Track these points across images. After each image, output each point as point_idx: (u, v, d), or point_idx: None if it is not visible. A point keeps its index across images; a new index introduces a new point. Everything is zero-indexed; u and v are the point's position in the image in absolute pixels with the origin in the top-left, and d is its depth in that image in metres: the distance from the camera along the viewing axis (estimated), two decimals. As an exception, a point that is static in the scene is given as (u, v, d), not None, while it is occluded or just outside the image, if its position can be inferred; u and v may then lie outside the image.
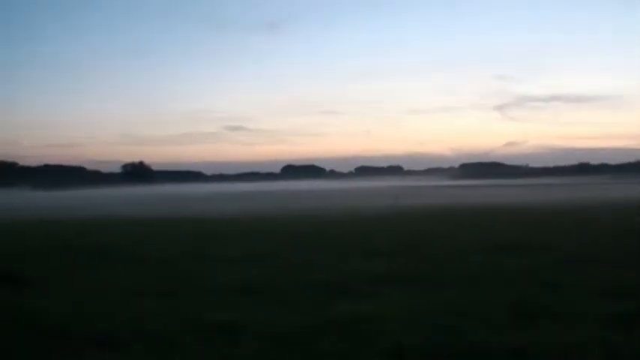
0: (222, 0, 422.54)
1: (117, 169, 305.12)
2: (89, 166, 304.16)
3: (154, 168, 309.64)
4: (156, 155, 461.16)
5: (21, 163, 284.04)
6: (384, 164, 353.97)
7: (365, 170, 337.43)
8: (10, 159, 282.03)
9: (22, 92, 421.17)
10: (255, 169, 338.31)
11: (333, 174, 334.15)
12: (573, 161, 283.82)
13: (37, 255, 19.11)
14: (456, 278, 13.50)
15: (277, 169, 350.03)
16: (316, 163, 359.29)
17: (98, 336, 8.82)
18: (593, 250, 17.54)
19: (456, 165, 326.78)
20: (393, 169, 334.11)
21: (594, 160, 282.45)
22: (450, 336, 8.62)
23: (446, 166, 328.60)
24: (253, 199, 79.85)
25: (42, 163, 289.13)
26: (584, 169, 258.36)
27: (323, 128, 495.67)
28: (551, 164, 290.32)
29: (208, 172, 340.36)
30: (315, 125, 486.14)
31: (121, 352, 8.21)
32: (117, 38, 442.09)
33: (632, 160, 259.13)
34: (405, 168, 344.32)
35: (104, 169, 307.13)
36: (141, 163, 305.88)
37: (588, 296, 11.32)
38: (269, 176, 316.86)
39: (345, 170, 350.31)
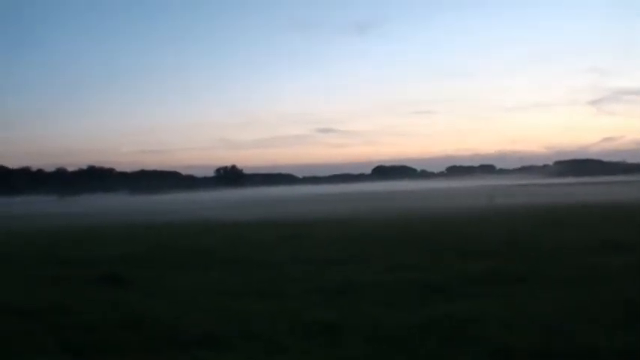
0: (312, 2, 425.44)
1: (210, 174, 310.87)
2: (183, 171, 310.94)
3: (246, 171, 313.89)
4: (248, 159, 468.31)
5: (118, 169, 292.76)
6: (476, 163, 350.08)
7: (456, 170, 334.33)
8: (108, 165, 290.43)
9: (118, 101, 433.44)
10: (346, 171, 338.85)
11: (424, 174, 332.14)
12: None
13: (138, 257, 19.59)
14: (559, 278, 13.13)
15: (368, 171, 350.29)
16: (407, 164, 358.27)
17: (203, 336, 8.95)
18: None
19: (551, 163, 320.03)
20: (485, 168, 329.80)
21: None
22: (558, 338, 8.40)
23: (540, 164, 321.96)
24: (345, 201, 79.91)
25: (138, 169, 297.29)
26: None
27: (414, 128, 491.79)
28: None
29: (300, 174, 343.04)
30: (405, 125, 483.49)
31: (226, 351, 8.31)
32: (210, 44, 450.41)
33: None
34: (498, 167, 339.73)
35: (198, 173, 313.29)
36: (233, 167, 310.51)
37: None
38: (360, 177, 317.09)
39: (436, 170, 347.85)
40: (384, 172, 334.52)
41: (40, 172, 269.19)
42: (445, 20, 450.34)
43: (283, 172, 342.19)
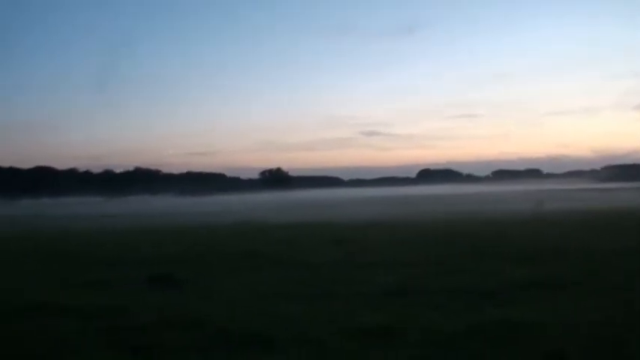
0: (357, 5, 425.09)
1: (256, 176, 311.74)
2: (229, 173, 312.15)
3: (292, 174, 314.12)
4: (293, 161, 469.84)
5: (165, 170, 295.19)
6: (523, 167, 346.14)
7: (502, 174, 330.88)
8: (154, 167, 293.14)
9: (165, 103, 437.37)
10: (392, 174, 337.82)
11: (470, 178, 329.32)
12: None
13: (187, 258, 19.78)
14: (609, 285, 12.98)
15: (413, 174, 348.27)
16: (453, 167, 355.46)
17: (255, 337, 9.03)
18: None
19: (599, 167, 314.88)
20: (532, 173, 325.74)
21: None
22: (609, 346, 8.33)
23: (587, 168, 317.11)
24: (391, 204, 79.73)
25: (184, 171, 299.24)
26: None
27: (459, 132, 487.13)
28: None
29: (345, 177, 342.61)
30: (451, 129, 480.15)
31: (278, 353, 8.38)
32: (255, 47, 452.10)
33: None
34: (545, 171, 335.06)
35: (243, 175, 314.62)
36: (279, 170, 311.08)
37: None
38: (405, 181, 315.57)
39: (482, 174, 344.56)
40: (429, 175, 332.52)
41: (87, 174, 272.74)
42: (492, 22, 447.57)
43: (329, 174, 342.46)
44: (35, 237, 33.78)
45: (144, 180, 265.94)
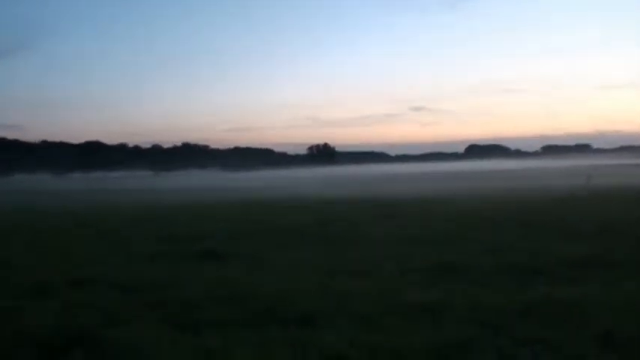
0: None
1: (302, 151, 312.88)
2: (276, 149, 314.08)
3: (338, 149, 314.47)
4: (340, 137, 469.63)
5: (212, 146, 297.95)
6: (572, 143, 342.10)
7: (551, 149, 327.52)
8: (202, 142, 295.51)
9: (212, 80, 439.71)
10: (439, 150, 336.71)
11: (518, 153, 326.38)
12: None
13: (235, 234, 19.89)
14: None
15: (461, 149, 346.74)
16: (501, 143, 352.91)
17: (303, 313, 9.02)
18: None
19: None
20: (581, 148, 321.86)
21: None
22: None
23: (638, 143, 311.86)
24: (438, 180, 79.26)
25: (232, 146, 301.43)
26: None
27: (508, 107, 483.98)
28: None
29: (392, 152, 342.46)
30: (499, 104, 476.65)
31: (325, 329, 8.33)
32: (301, 23, 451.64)
33: None
34: (594, 146, 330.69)
35: (290, 151, 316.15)
36: (325, 145, 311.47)
37: None
38: (453, 156, 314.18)
39: (531, 149, 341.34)
40: (477, 150, 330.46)
41: (136, 149, 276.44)
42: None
43: (375, 150, 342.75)
44: (84, 211, 34.25)
45: (192, 155, 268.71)
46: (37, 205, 42.92)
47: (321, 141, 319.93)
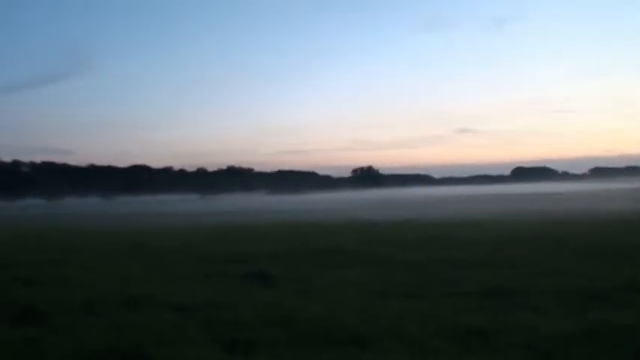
0: (449, 1, 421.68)
1: (347, 174, 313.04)
2: (320, 171, 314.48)
3: (383, 172, 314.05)
4: (384, 159, 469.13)
5: (257, 169, 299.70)
6: (622, 164, 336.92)
7: (601, 171, 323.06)
8: (247, 165, 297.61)
9: (257, 103, 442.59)
10: (485, 172, 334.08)
11: (566, 175, 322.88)
12: None
13: (282, 255, 19.90)
14: None
15: (507, 172, 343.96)
16: (548, 165, 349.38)
17: (352, 335, 8.98)
18: None
19: None
20: (633, 170, 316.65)
21: None
22: None
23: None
24: (485, 202, 78.62)
25: (276, 169, 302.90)
26: None
27: (555, 128, 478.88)
28: None
29: (437, 175, 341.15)
30: (546, 125, 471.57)
31: (375, 352, 8.29)
32: (346, 45, 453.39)
33: None
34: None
35: (335, 173, 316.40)
36: (370, 168, 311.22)
37: None
38: (499, 179, 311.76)
39: (579, 171, 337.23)
40: (523, 173, 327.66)
41: (181, 172, 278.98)
42: (589, 11, 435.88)
43: (420, 172, 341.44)
44: (133, 233, 34.59)
45: (236, 178, 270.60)
46: (88, 227, 43.61)
47: (365, 163, 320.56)
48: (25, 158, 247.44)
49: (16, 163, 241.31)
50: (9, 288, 13.82)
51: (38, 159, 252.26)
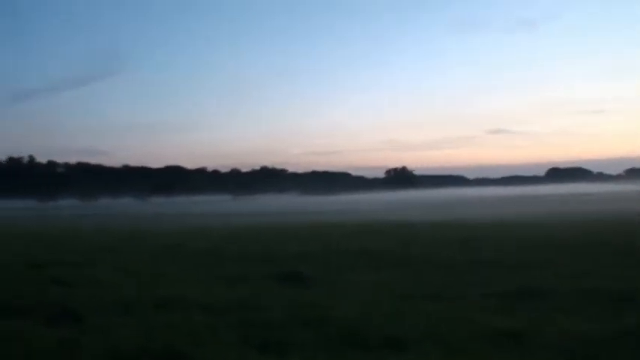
0: (477, 2, 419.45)
1: (380, 175, 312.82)
2: (353, 172, 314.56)
3: (416, 173, 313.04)
4: (418, 160, 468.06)
5: (290, 169, 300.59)
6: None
7: (637, 172, 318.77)
8: (280, 166, 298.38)
9: (290, 104, 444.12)
10: (519, 173, 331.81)
11: (601, 176, 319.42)
12: None
13: (314, 256, 19.86)
14: None
15: (541, 172, 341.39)
16: (583, 165, 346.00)
17: (386, 337, 8.93)
18: None
19: None
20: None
21: None
22: None
23: None
24: (519, 204, 78.06)
25: (309, 170, 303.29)
26: None
27: (590, 128, 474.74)
28: None
29: (470, 176, 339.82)
30: (581, 125, 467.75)
31: (409, 354, 8.25)
32: (377, 45, 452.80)
33: None
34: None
35: (368, 174, 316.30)
36: (403, 168, 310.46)
37: None
38: (533, 180, 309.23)
39: (614, 172, 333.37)
40: (557, 174, 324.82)
41: (215, 173, 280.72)
42: (615, 14, 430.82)
43: (454, 173, 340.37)
44: (167, 234, 34.79)
45: (270, 179, 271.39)
46: (122, 228, 43.93)
47: (398, 164, 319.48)
48: (59, 159, 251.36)
49: (51, 164, 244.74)
50: (45, 288, 13.92)
51: (73, 160, 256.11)
